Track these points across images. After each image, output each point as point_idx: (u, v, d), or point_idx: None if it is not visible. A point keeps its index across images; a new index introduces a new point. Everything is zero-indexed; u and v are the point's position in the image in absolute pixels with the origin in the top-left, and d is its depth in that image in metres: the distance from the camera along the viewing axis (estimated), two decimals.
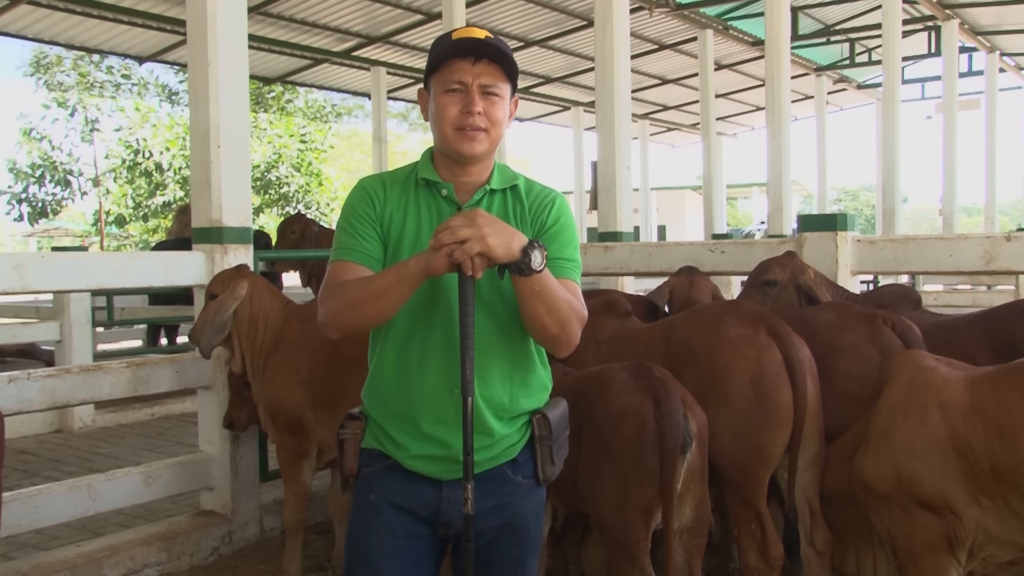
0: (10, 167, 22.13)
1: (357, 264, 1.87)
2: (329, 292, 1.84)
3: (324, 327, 1.84)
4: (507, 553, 1.93)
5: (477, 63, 1.84)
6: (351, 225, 1.91)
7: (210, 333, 3.47)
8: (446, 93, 1.86)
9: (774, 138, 8.50)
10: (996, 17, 14.35)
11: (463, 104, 1.85)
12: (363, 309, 1.79)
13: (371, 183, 1.96)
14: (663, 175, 38.66)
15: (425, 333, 1.88)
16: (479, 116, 1.85)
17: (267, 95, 23.20)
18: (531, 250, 1.70)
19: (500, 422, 1.89)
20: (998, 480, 2.32)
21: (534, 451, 1.94)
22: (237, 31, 4.24)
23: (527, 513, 1.95)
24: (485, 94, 1.86)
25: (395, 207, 1.92)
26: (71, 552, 3.68)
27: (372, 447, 1.95)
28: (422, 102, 1.98)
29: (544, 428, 1.93)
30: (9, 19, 10.09)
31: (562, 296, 1.80)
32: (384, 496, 1.90)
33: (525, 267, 1.70)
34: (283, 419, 3.56)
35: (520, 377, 1.92)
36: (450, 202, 1.92)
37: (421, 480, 1.89)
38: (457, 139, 1.86)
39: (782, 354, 2.84)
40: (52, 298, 7.24)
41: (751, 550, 2.87)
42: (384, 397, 1.91)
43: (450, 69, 1.85)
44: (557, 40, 13.49)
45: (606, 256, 5.21)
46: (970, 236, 4.08)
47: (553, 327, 1.80)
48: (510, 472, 1.92)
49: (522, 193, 1.98)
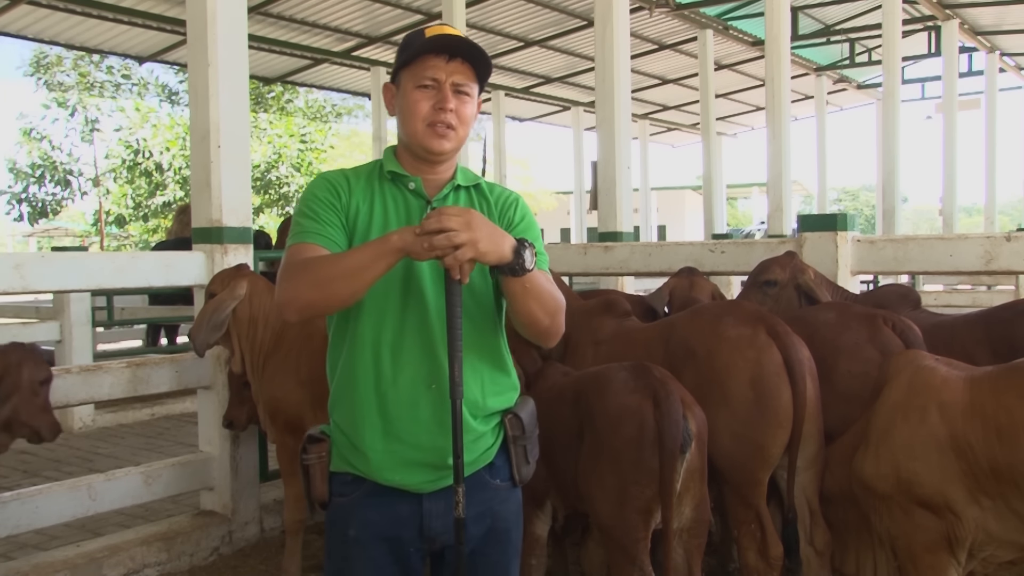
0: (10, 167, 22.11)
1: (321, 248, 1.80)
2: (293, 270, 1.75)
3: (285, 307, 1.74)
4: (492, 560, 1.91)
5: (451, 61, 1.83)
6: (313, 211, 1.85)
7: (207, 331, 3.46)
8: (418, 89, 1.84)
9: (774, 138, 8.50)
10: (996, 17, 14.36)
11: (435, 100, 1.83)
12: (334, 287, 1.70)
13: (333, 175, 1.92)
14: (663, 175, 38.73)
15: (397, 328, 1.82)
16: (451, 113, 1.84)
17: (267, 95, 23.18)
18: (522, 250, 1.70)
19: (476, 420, 1.86)
20: (998, 480, 2.32)
21: (508, 452, 1.92)
22: (237, 31, 4.24)
23: (508, 517, 1.93)
24: (457, 92, 1.85)
25: (361, 199, 1.88)
26: (71, 552, 3.68)
27: (342, 470, 1.87)
28: (388, 97, 1.95)
29: (517, 428, 1.91)
30: (9, 19, 10.10)
31: (548, 288, 1.80)
32: (365, 530, 1.85)
33: (519, 268, 1.69)
34: (283, 419, 3.55)
35: (491, 375, 1.90)
36: (418, 196, 1.90)
37: (399, 499, 1.84)
38: (427, 135, 1.85)
39: (781, 354, 2.84)
40: (52, 298, 7.25)
41: (751, 550, 2.87)
42: (354, 402, 1.83)
43: (424, 65, 1.83)
44: (557, 40, 13.49)
45: (606, 256, 5.21)
46: (970, 236, 4.08)
47: (544, 320, 1.80)
48: (488, 476, 1.90)
49: (486, 191, 1.97)
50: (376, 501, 1.84)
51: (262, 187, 22.49)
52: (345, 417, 1.86)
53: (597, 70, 6.52)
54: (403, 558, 1.86)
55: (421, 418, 1.81)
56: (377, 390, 1.81)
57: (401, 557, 1.86)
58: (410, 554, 1.87)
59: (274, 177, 22.84)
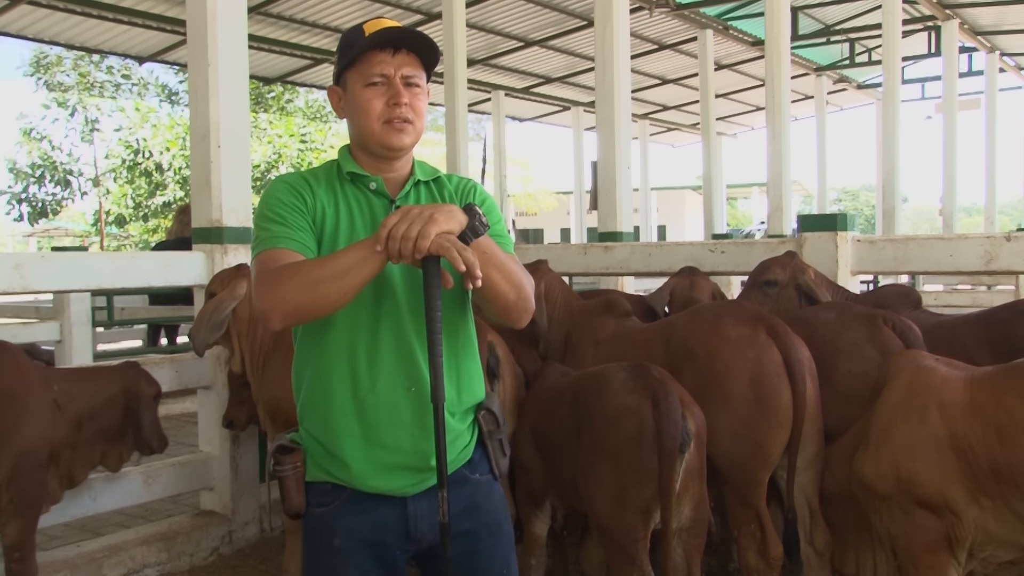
0: (10, 167, 22.11)
1: (295, 252, 1.73)
2: (274, 276, 1.67)
3: (268, 313, 1.66)
4: (489, 554, 1.89)
5: (396, 54, 1.81)
6: (280, 216, 1.78)
7: (206, 331, 3.46)
8: (368, 87, 1.80)
9: (774, 138, 8.51)
10: (996, 17, 14.36)
11: (388, 96, 1.80)
12: (324, 289, 1.63)
13: (293, 179, 1.86)
14: (663, 175, 38.74)
15: (371, 332, 1.78)
16: (406, 107, 1.81)
17: (267, 95, 23.21)
18: (471, 210, 1.67)
19: (454, 418, 1.83)
20: (998, 480, 2.32)
21: (485, 447, 1.91)
22: (237, 31, 4.24)
23: (495, 510, 1.92)
24: (407, 85, 1.82)
25: (326, 201, 1.83)
26: (71, 552, 3.68)
27: (319, 480, 1.82)
28: (334, 100, 1.90)
29: (491, 423, 1.90)
30: (9, 19, 10.10)
31: (508, 260, 1.77)
32: (350, 539, 1.81)
33: (480, 225, 1.66)
34: (283, 419, 3.54)
35: (464, 369, 1.88)
36: (380, 195, 1.87)
37: (382, 504, 1.80)
38: (385, 132, 1.81)
39: (781, 354, 2.84)
40: (52, 298, 7.24)
41: (751, 550, 2.87)
42: (330, 410, 1.78)
43: (369, 62, 1.80)
44: (557, 40, 13.50)
45: (606, 256, 5.21)
46: (970, 236, 4.08)
47: (510, 292, 1.76)
48: (468, 472, 1.88)
49: (445, 182, 1.95)
50: (358, 508, 1.81)
51: (262, 187, 22.47)
52: (320, 426, 1.81)
53: (597, 70, 6.52)
54: (388, 561, 1.84)
55: (402, 422, 1.78)
56: (355, 397, 1.78)
57: (386, 561, 1.84)
58: (396, 557, 1.85)
59: (274, 177, 22.84)
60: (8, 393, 3.00)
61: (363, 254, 1.63)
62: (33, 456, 3.04)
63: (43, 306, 7.72)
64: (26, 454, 3.01)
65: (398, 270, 1.77)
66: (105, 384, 3.43)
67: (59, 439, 3.17)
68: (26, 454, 3.01)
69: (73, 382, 3.34)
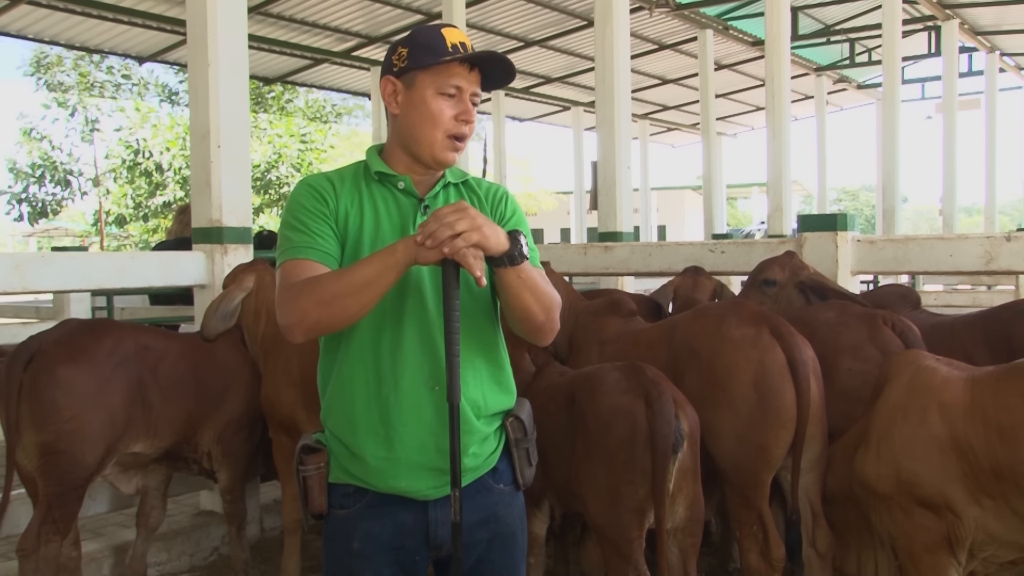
0: (10, 167, 22.09)
1: (317, 263, 1.74)
2: (294, 291, 1.68)
3: (290, 329, 1.68)
4: (499, 566, 1.88)
5: (472, 70, 1.80)
6: (302, 223, 1.78)
7: (216, 319, 3.53)
8: (441, 96, 1.78)
9: (774, 138, 8.51)
10: (996, 17, 14.37)
11: (458, 111, 1.79)
12: (343, 304, 1.64)
13: (317, 180, 1.84)
14: (663, 175, 38.73)
15: (396, 329, 1.77)
16: (471, 127, 1.82)
17: (267, 95, 23.18)
18: (518, 236, 1.67)
19: (479, 420, 1.82)
20: (998, 480, 2.32)
21: (511, 456, 1.89)
22: (237, 31, 4.24)
23: (512, 521, 1.91)
24: (472, 103, 1.82)
25: (349, 202, 1.82)
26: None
27: (342, 481, 1.82)
28: (389, 91, 1.83)
29: (519, 431, 1.88)
30: (9, 19, 10.09)
31: (542, 282, 1.77)
32: (370, 543, 1.80)
33: (518, 255, 1.66)
34: (276, 419, 3.56)
35: (491, 374, 1.86)
36: (408, 195, 1.85)
37: (404, 508, 1.80)
38: (445, 147, 1.81)
39: (785, 354, 2.82)
40: (52, 298, 7.24)
41: (753, 551, 2.86)
42: (353, 409, 1.78)
43: (449, 72, 1.77)
44: (557, 40, 13.49)
45: (606, 256, 5.21)
46: (970, 236, 4.09)
47: (540, 314, 1.76)
48: (492, 481, 1.87)
49: (475, 187, 1.94)
50: (379, 512, 1.80)
51: (262, 187, 22.48)
52: (342, 425, 1.81)
53: (597, 70, 6.52)
54: (408, 566, 1.83)
55: (425, 420, 1.76)
56: (378, 395, 1.77)
57: (405, 565, 1.83)
58: (416, 562, 1.84)
59: (274, 177, 22.83)
60: (225, 369, 3.66)
61: (381, 267, 1.64)
62: (238, 419, 3.66)
63: (43, 306, 7.72)
64: (233, 417, 3.65)
65: (426, 269, 1.76)
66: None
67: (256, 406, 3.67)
68: (233, 417, 3.65)
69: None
